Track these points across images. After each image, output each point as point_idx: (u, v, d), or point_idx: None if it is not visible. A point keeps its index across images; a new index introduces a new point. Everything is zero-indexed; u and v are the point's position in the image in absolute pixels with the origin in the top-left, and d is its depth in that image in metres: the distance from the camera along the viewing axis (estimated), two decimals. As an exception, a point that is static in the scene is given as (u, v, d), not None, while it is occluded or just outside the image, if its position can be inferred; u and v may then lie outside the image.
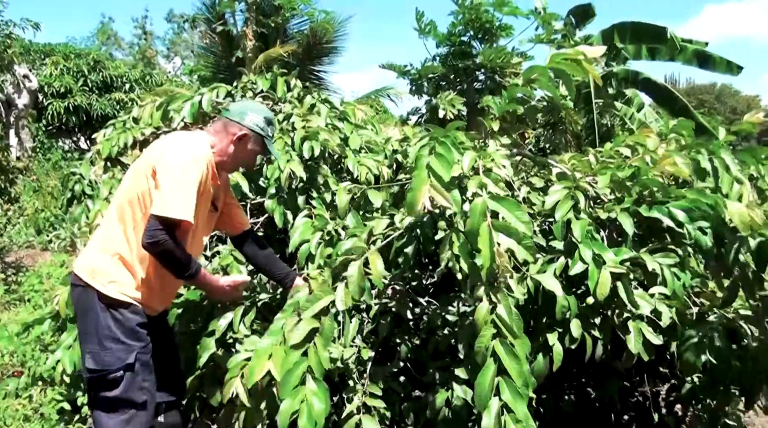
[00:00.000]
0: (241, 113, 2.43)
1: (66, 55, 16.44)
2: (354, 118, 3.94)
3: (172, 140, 2.34)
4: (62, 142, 16.40)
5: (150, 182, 2.21)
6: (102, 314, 2.21)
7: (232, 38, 11.69)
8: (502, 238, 1.92)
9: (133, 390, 2.23)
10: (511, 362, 1.85)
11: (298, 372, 1.96)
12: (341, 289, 2.14)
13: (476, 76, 6.95)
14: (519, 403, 1.81)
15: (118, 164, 3.68)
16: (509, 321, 1.90)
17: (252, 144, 2.45)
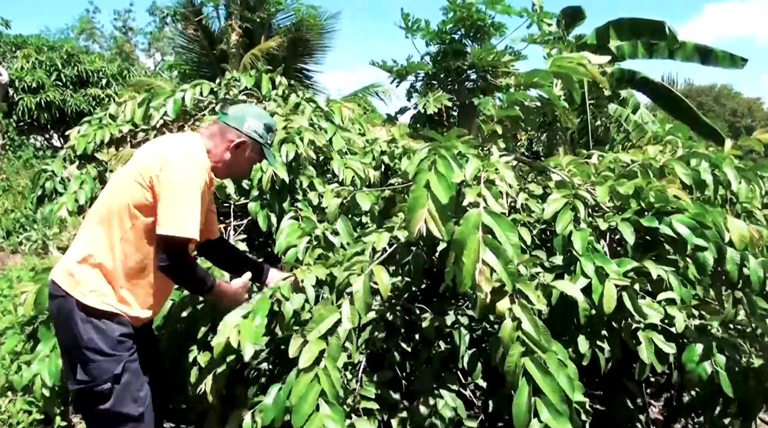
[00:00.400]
0: (240, 118, 2.36)
1: (39, 47, 16.25)
2: (341, 117, 3.93)
3: (170, 148, 2.22)
4: (34, 139, 16.20)
5: (145, 193, 2.14)
6: (83, 326, 2.13)
7: (213, 33, 11.65)
8: (489, 256, 1.88)
9: (126, 403, 2.16)
10: (544, 379, 1.82)
11: (311, 398, 1.93)
12: (347, 306, 2.10)
13: (468, 75, 6.99)
14: (560, 422, 1.79)
15: (93, 161, 3.63)
16: (536, 335, 1.88)
17: (249, 151, 2.39)
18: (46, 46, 16.42)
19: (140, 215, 2.15)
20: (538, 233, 2.64)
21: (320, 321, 2.07)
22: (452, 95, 6.65)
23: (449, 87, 6.97)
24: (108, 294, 2.17)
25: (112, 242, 2.18)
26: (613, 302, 2.07)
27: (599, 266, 2.15)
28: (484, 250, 1.87)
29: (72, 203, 3.42)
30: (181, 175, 2.13)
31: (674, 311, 2.27)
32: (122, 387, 2.14)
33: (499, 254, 1.88)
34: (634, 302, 2.14)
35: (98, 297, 2.15)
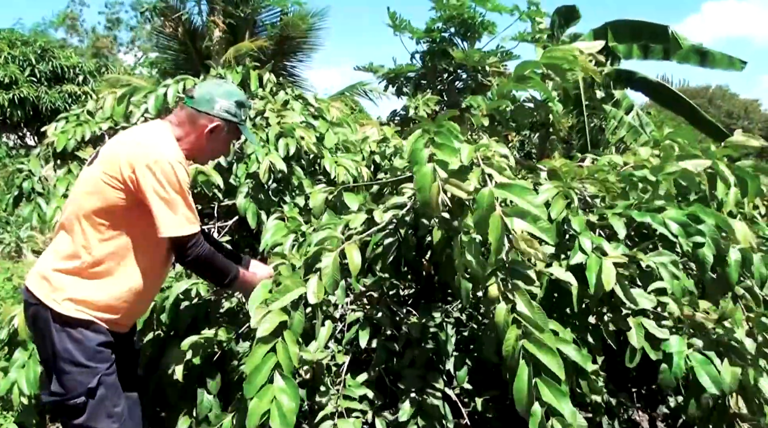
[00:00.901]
0: (209, 101, 2.27)
1: (11, 42, 16.12)
2: (329, 115, 3.95)
3: (141, 145, 2.15)
4: (6, 137, 16.05)
5: (117, 193, 2.10)
6: (58, 335, 2.08)
7: (196, 30, 11.61)
8: (518, 222, 1.89)
9: (100, 418, 2.11)
10: (545, 356, 1.83)
11: (265, 369, 1.94)
12: (314, 281, 2.11)
13: (458, 74, 7.03)
14: (563, 402, 1.80)
15: (73, 159, 3.60)
16: (532, 316, 1.89)
17: (225, 133, 2.34)
18: (19, 41, 16.27)
19: (114, 216, 2.11)
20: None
21: (285, 293, 2.06)
22: (442, 96, 6.69)
23: (439, 87, 7.01)
24: (84, 301, 2.11)
25: (87, 247, 2.12)
26: (612, 278, 2.09)
27: (597, 245, 2.18)
28: (511, 220, 1.89)
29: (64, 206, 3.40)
30: (165, 176, 2.08)
31: (666, 299, 2.30)
32: (97, 401, 2.10)
33: (525, 215, 1.91)
34: (626, 289, 2.17)
35: (73, 305, 2.10)
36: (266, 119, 3.50)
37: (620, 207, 2.42)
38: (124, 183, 2.08)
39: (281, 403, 1.91)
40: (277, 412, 1.89)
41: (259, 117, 3.58)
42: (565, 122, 6.57)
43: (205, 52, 11.04)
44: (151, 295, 2.38)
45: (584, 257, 2.17)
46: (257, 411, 1.88)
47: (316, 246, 2.25)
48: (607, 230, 2.45)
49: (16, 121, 15.53)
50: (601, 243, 2.20)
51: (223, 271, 2.26)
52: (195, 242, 2.15)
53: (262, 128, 3.42)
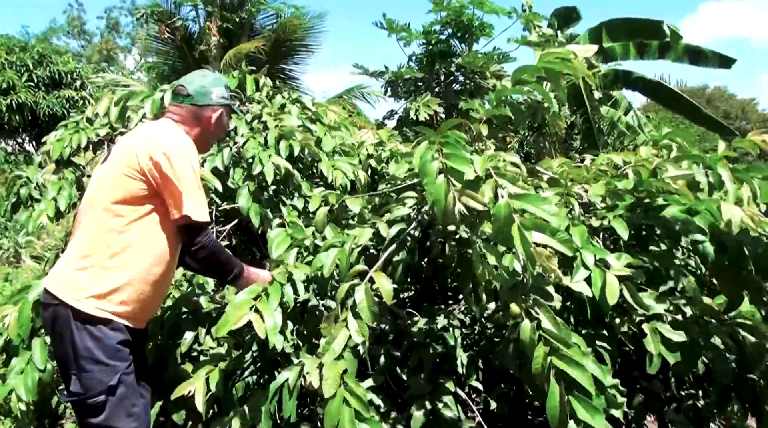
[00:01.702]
0: (205, 93, 2.41)
1: (9, 48, 16.13)
2: (326, 119, 3.95)
3: (158, 136, 2.25)
4: (5, 143, 16.04)
5: (139, 184, 2.16)
6: (78, 334, 2.11)
7: (192, 35, 11.63)
8: (536, 235, 1.90)
9: (120, 417, 2.13)
10: (576, 371, 1.83)
11: (347, 423, 1.95)
12: (353, 321, 2.11)
13: (455, 77, 7.03)
14: (597, 418, 1.79)
15: (70, 165, 3.61)
16: (558, 332, 1.90)
17: (225, 118, 2.50)
18: (17, 47, 16.28)
19: (134, 208, 2.17)
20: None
21: (331, 341, 2.07)
22: (440, 98, 6.69)
23: (437, 89, 7.01)
24: (107, 298, 2.15)
25: (107, 243, 2.16)
26: (616, 292, 2.09)
27: (599, 258, 2.18)
28: (530, 232, 1.88)
29: (51, 210, 3.41)
30: (181, 162, 2.18)
31: (678, 300, 2.31)
32: (117, 399, 2.12)
33: (544, 228, 1.91)
34: (635, 295, 2.16)
35: (94, 303, 2.13)
36: (264, 123, 3.50)
37: (621, 208, 2.42)
38: (143, 173, 2.16)
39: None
40: None
41: (256, 121, 3.57)
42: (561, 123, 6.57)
43: (201, 57, 11.05)
44: (164, 288, 2.39)
45: (587, 273, 2.16)
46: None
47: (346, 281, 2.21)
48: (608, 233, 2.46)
49: (15, 126, 15.52)
50: (605, 256, 2.19)
51: (229, 264, 2.31)
52: (208, 231, 2.24)
53: (260, 131, 3.42)
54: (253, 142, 3.29)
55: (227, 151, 3.36)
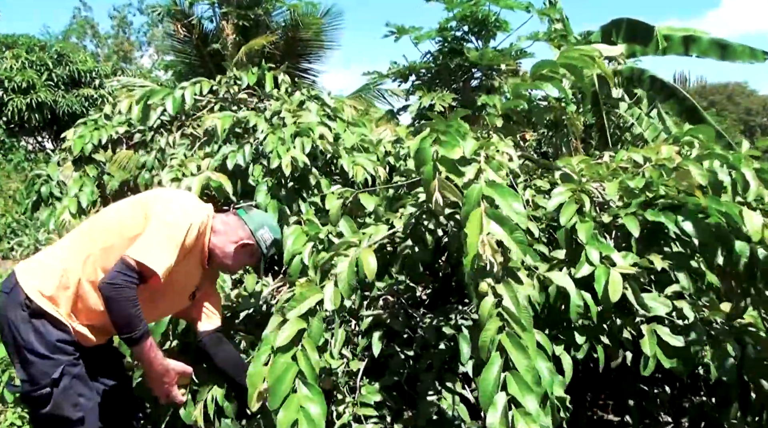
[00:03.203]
0: (258, 224, 2.46)
1: (29, 47, 16.32)
2: (344, 115, 3.95)
3: (181, 197, 2.38)
4: (25, 141, 16.24)
5: (142, 223, 2.20)
6: (23, 326, 2.14)
7: (208, 33, 11.68)
8: (494, 227, 1.88)
9: (65, 407, 2.15)
10: (519, 355, 1.80)
11: (288, 378, 1.94)
12: (330, 287, 2.12)
13: (472, 74, 6.99)
14: (529, 397, 1.76)
15: (90, 163, 3.65)
16: (516, 312, 1.87)
17: (250, 257, 2.47)
18: (37, 46, 16.47)
19: (128, 243, 2.16)
20: (545, 228, 2.66)
21: (302, 301, 2.07)
22: (456, 94, 6.66)
23: (453, 86, 6.98)
24: (61, 307, 2.18)
25: (84, 262, 2.20)
26: (619, 290, 2.08)
27: (605, 255, 2.16)
28: (488, 222, 1.88)
29: (74, 206, 3.44)
30: (174, 215, 2.21)
31: (682, 303, 2.28)
32: (61, 391, 2.14)
33: (504, 223, 1.89)
34: (637, 295, 2.15)
35: (49, 304, 2.15)
36: (282, 119, 3.50)
37: (634, 206, 2.40)
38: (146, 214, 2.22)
39: (308, 411, 1.90)
40: (306, 420, 1.88)
41: (275, 117, 3.58)
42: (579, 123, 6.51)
43: (217, 54, 11.08)
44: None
45: (591, 269, 2.15)
46: (285, 421, 1.88)
47: (331, 251, 2.25)
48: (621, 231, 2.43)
49: (34, 125, 15.71)
50: (611, 253, 2.17)
51: (136, 321, 2.09)
52: (138, 278, 2.10)
53: (279, 127, 3.42)
54: (272, 136, 3.30)
55: (248, 147, 3.38)
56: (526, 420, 1.73)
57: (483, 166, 2.09)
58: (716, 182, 2.49)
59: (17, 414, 3.29)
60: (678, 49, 8.14)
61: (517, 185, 2.82)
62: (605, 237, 2.44)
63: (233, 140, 3.57)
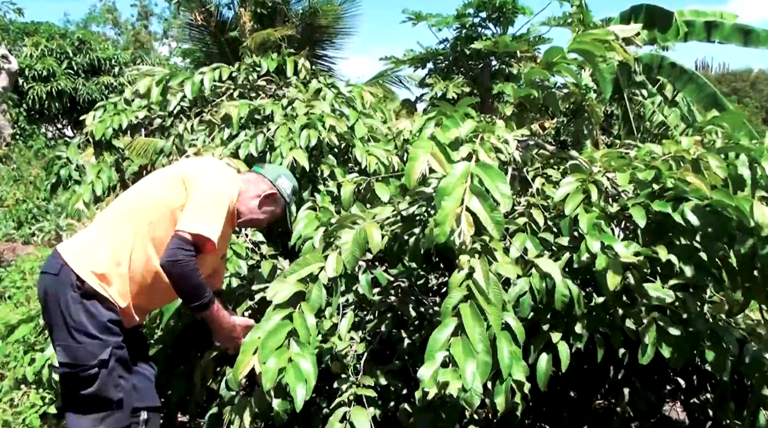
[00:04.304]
0: (276, 175, 2.60)
1: (50, 35, 16.42)
2: (362, 102, 3.93)
3: (214, 164, 2.49)
4: (45, 129, 16.39)
5: (183, 194, 2.29)
6: (73, 306, 2.19)
7: (226, 21, 11.67)
8: (474, 202, 1.89)
9: (109, 388, 2.21)
10: (474, 323, 1.80)
11: (280, 335, 1.97)
12: (333, 256, 2.15)
13: (489, 60, 6.94)
14: (469, 361, 1.75)
15: (110, 148, 3.67)
16: (485, 285, 1.88)
17: (275, 205, 2.60)
18: (57, 34, 16.57)
19: (171, 215, 2.27)
20: (552, 217, 2.64)
21: (304, 266, 2.11)
22: (474, 81, 6.62)
23: (470, 73, 6.93)
24: (112, 284, 2.24)
25: (135, 238, 2.27)
26: (617, 279, 2.08)
27: (607, 245, 2.16)
28: (470, 197, 1.88)
29: (89, 194, 3.47)
30: (215, 184, 2.33)
31: (686, 295, 2.27)
32: (108, 372, 2.20)
33: (485, 200, 1.90)
34: (639, 285, 2.15)
35: (101, 281, 2.22)
36: (294, 110, 3.51)
37: (642, 196, 2.38)
38: (185, 184, 2.33)
39: (298, 363, 1.91)
40: (293, 369, 1.89)
41: (290, 106, 3.58)
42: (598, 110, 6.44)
43: (235, 42, 11.08)
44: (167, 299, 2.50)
45: (590, 258, 2.15)
46: (273, 369, 1.89)
47: (338, 224, 2.27)
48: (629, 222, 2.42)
49: (54, 112, 15.85)
50: (613, 243, 2.17)
51: (201, 290, 2.24)
52: (196, 250, 2.21)
53: (292, 118, 3.43)
54: (282, 129, 3.33)
55: (261, 137, 3.42)
56: (452, 377, 1.73)
57: (476, 147, 2.10)
58: (736, 176, 2.44)
59: (40, 394, 3.35)
60: (700, 34, 7.99)
61: (527, 174, 2.80)
62: (613, 228, 2.43)
63: (252, 126, 3.58)
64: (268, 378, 1.88)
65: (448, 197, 1.89)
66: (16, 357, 3.76)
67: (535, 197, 2.71)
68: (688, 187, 2.27)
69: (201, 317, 2.33)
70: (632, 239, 2.37)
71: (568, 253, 2.35)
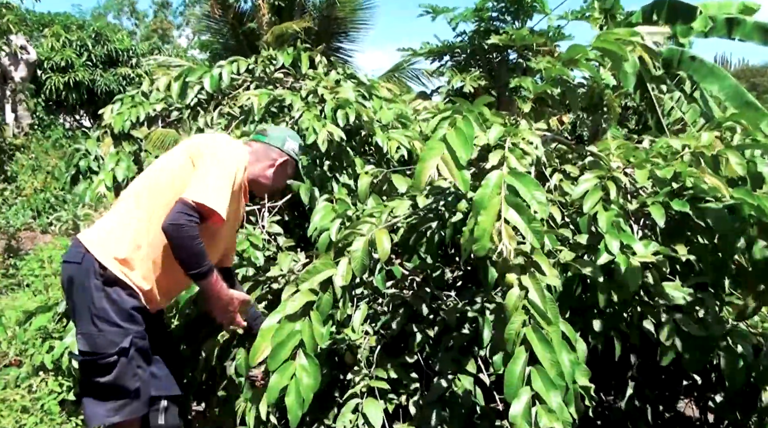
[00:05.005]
0: (282, 139, 2.58)
1: (67, 26, 16.53)
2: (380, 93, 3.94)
3: (220, 138, 2.49)
4: (63, 119, 16.53)
5: (190, 172, 2.29)
6: (96, 294, 2.20)
7: (244, 13, 11.70)
8: (512, 215, 1.88)
9: (127, 377, 2.22)
10: (543, 350, 1.83)
11: (289, 345, 2.01)
12: (343, 264, 2.16)
13: (507, 54, 6.91)
14: (552, 393, 1.79)
15: (129, 139, 3.71)
16: (542, 306, 1.89)
17: (290, 169, 2.62)
18: (75, 25, 16.68)
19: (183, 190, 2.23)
20: (570, 213, 2.63)
21: (315, 274, 2.13)
22: (491, 75, 6.60)
23: (488, 67, 6.91)
24: (133, 268, 2.25)
25: (150, 220, 2.27)
26: (637, 280, 2.07)
27: (626, 244, 2.15)
28: (507, 209, 1.88)
29: (110, 180, 3.51)
30: (221, 157, 2.30)
31: (705, 295, 2.26)
32: (127, 361, 2.21)
33: (522, 211, 1.89)
34: (658, 284, 2.14)
35: (122, 266, 2.23)
36: (321, 96, 3.52)
37: (661, 195, 2.37)
38: (193, 161, 2.32)
39: (300, 380, 1.97)
40: (294, 389, 1.96)
41: (311, 95, 3.59)
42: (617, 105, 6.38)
43: (252, 34, 11.11)
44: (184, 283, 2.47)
45: (609, 258, 2.14)
46: (276, 386, 1.96)
47: (348, 230, 2.29)
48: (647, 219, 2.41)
49: (72, 103, 15.98)
50: (632, 242, 2.16)
51: (201, 257, 2.20)
52: (198, 218, 2.18)
53: (315, 105, 3.44)
54: (308, 113, 3.33)
55: (283, 125, 3.40)
56: (549, 418, 1.76)
57: (506, 154, 2.09)
58: (756, 173, 2.42)
59: (58, 381, 3.40)
60: (721, 31, 7.89)
61: (545, 169, 2.80)
62: (631, 225, 2.42)
63: (269, 119, 3.59)
64: (270, 395, 1.97)
65: (484, 211, 1.88)
66: (34, 344, 3.82)
67: (553, 193, 2.70)
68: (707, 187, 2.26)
69: (199, 286, 2.32)
70: (650, 237, 2.36)
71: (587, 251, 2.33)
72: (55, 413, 3.35)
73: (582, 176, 2.50)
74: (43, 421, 3.30)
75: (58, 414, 3.36)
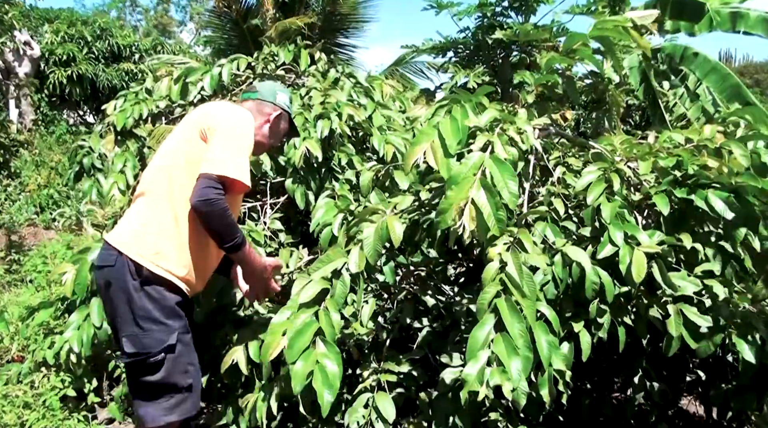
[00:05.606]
0: (272, 93, 2.60)
1: (70, 21, 16.51)
2: (381, 93, 3.93)
3: (226, 107, 2.43)
4: (67, 115, 16.52)
5: (202, 147, 2.26)
6: (136, 294, 2.19)
7: (248, 8, 11.68)
8: (481, 196, 1.89)
9: (177, 374, 2.22)
10: (512, 319, 1.81)
11: (308, 333, 1.99)
12: (356, 251, 2.16)
13: (510, 50, 6.88)
14: (513, 359, 1.77)
15: (131, 137, 3.71)
16: (519, 279, 1.88)
17: (284, 122, 2.64)
18: (78, 20, 16.65)
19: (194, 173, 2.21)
20: (573, 206, 2.63)
21: (327, 262, 2.13)
22: (495, 71, 6.57)
23: (492, 63, 6.88)
24: (170, 259, 2.23)
25: (173, 202, 2.25)
26: (642, 270, 2.06)
27: (630, 235, 2.15)
28: (478, 189, 1.88)
29: (123, 182, 3.52)
30: (237, 125, 2.30)
31: (712, 282, 2.24)
32: (175, 357, 2.21)
33: (492, 196, 1.89)
34: (664, 274, 2.12)
35: (157, 261, 2.21)
36: (310, 98, 3.53)
37: (665, 184, 2.37)
38: (203, 134, 2.29)
39: (324, 365, 1.94)
40: (321, 374, 1.92)
41: (307, 96, 3.60)
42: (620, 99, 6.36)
43: (257, 30, 11.09)
44: (217, 258, 2.46)
45: (613, 249, 2.14)
46: (302, 372, 1.92)
47: (359, 217, 2.28)
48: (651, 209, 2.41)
49: (75, 99, 15.96)
50: (636, 233, 2.16)
51: (234, 229, 2.21)
52: (225, 190, 2.17)
53: (308, 108, 3.44)
54: (299, 119, 3.34)
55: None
56: (501, 377, 1.75)
57: (493, 138, 2.09)
58: (759, 164, 2.43)
59: (60, 377, 3.41)
60: (725, 24, 7.83)
61: (548, 161, 2.79)
62: (635, 216, 2.42)
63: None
64: (297, 381, 1.92)
65: (456, 186, 1.90)
66: (36, 340, 3.82)
67: (556, 186, 2.71)
68: (710, 172, 2.25)
69: (234, 258, 2.32)
70: (654, 228, 2.35)
71: (591, 243, 2.33)
72: (57, 409, 3.35)
73: (585, 168, 2.51)
74: (45, 417, 3.30)
75: (60, 409, 3.36)
